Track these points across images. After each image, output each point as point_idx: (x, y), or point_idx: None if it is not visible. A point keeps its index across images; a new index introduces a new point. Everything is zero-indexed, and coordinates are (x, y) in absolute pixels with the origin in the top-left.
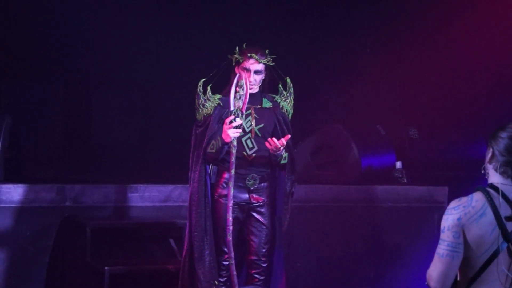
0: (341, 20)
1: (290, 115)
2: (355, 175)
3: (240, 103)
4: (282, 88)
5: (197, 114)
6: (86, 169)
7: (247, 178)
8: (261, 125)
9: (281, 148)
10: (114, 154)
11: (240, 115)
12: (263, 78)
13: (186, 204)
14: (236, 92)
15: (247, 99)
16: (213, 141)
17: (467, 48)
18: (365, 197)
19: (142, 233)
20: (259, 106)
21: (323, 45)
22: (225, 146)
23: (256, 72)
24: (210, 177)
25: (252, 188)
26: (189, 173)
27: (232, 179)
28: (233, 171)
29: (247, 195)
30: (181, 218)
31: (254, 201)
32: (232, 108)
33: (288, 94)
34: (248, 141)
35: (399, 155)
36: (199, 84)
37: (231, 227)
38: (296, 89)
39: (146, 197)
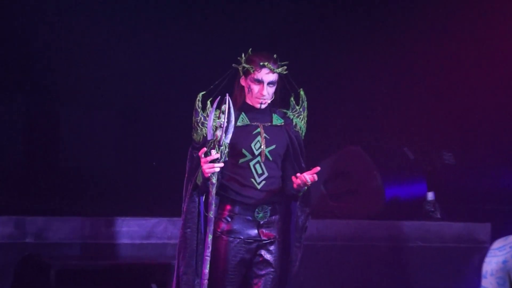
0: (362, 21)
1: (303, 133)
2: (377, 208)
3: (220, 133)
4: (294, 102)
5: (195, 134)
6: (51, 198)
7: (256, 210)
8: (273, 147)
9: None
10: (85, 180)
11: (217, 146)
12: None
13: (172, 241)
14: (217, 117)
15: (232, 129)
16: (199, 170)
17: None
18: (389, 235)
19: (119, 276)
20: (268, 124)
21: (338, 48)
22: (208, 183)
23: (270, 83)
24: (207, 209)
25: (262, 222)
26: (182, 204)
27: (211, 224)
28: (211, 213)
29: (255, 231)
30: (166, 259)
31: (264, 238)
32: (209, 137)
33: (301, 109)
34: (257, 166)
35: (431, 184)
36: (198, 98)
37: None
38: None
39: (123, 232)
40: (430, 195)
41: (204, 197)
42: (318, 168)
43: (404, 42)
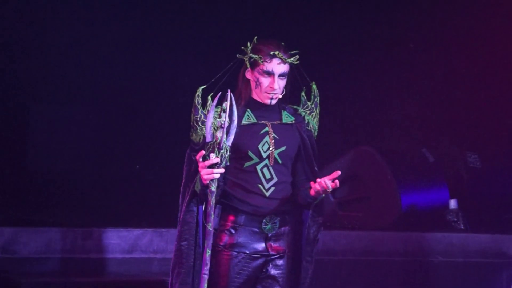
0: (384, 17)
1: (315, 133)
2: (392, 218)
3: (220, 134)
4: (305, 97)
5: (194, 134)
6: (19, 206)
7: (264, 221)
8: (283, 148)
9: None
10: (59, 186)
11: (217, 150)
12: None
13: (158, 255)
14: (217, 116)
15: (234, 130)
16: (197, 176)
17: None
18: (406, 249)
19: None
20: (277, 122)
21: (351, 41)
22: (206, 191)
23: (281, 75)
24: (206, 220)
25: (270, 235)
26: (178, 214)
27: (210, 237)
28: (209, 225)
29: (263, 244)
30: (151, 275)
31: (273, 252)
32: (208, 139)
33: (313, 105)
34: (265, 171)
35: (453, 191)
36: (197, 93)
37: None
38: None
39: (103, 245)
40: (453, 203)
41: (204, 206)
42: (339, 173)
43: (426, 37)
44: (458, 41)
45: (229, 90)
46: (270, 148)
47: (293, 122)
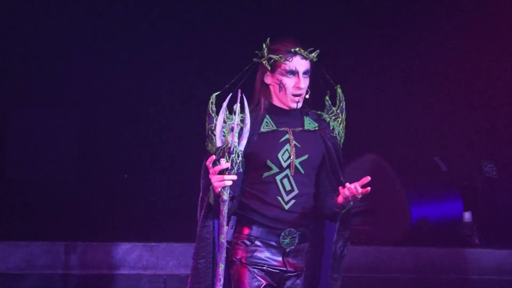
0: (393, 14)
1: (341, 141)
2: (402, 232)
3: (231, 138)
4: (329, 102)
5: (209, 145)
6: None
7: (282, 235)
8: (305, 157)
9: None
10: (40, 197)
11: (227, 154)
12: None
13: (148, 272)
14: (228, 119)
15: (247, 134)
16: (210, 186)
17: None
18: (416, 265)
19: None
20: (299, 129)
21: (359, 46)
22: (218, 200)
23: (305, 73)
24: (218, 232)
25: (288, 250)
26: (197, 229)
27: (223, 250)
28: (222, 237)
29: (280, 259)
30: None
31: (290, 269)
32: (219, 144)
33: (338, 111)
34: (285, 181)
35: (467, 203)
36: (211, 100)
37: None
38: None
39: (88, 261)
40: (467, 216)
41: (223, 217)
42: (369, 178)
43: (438, 40)
44: (473, 46)
45: (239, 91)
46: (291, 157)
47: (316, 128)
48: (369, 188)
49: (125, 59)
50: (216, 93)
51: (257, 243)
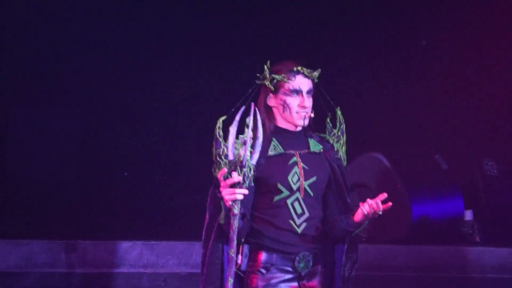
0: (394, 11)
1: (345, 162)
2: (402, 230)
3: (243, 151)
4: (331, 124)
5: (216, 170)
6: None
7: (297, 259)
8: (313, 179)
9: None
10: (40, 195)
11: (239, 168)
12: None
13: (149, 270)
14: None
15: (259, 147)
16: (221, 201)
17: None
18: (417, 263)
19: None
20: (306, 151)
21: (359, 44)
22: (229, 215)
23: (308, 92)
24: (228, 244)
25: (303, 273)
26: (202, 257)
27: (232, 264)
28: (232, 252)
29: (296, 284)
30: None
31: None
32: (231, 157)
33: (339, 133)
34: (296, 205)
35: (468, 201)
36: (218, 124)
37: None
38: (319, 102)
39: (89, 259)
40: (468, 214)
41: (234, 244)
42: (385, 195)
43: (439, 37)
44: (474, 44)
45: (252, 104)
46: (300, 180)
47: (321, 150)
48: (390, 203)
49: (125, 58)
50: (223, 118)
51: (273, 270)
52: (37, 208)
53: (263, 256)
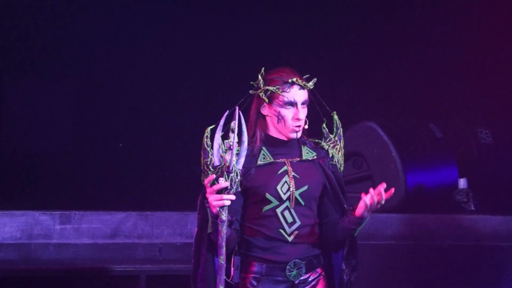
0: None
1: (341, 168)
2: (397, 199)
3: (229, 156)
4: (327, 130)
5: (204, 179)
6: None
7: (288, 268)
8: (304, 188)
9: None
10: (34, 166)
11: (226, 173)
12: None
13: (144, 241)
14: (225, 138)
15: (244, 152)
16: (208, 208)
17: None
18: (412, 232)
19: (76, 286)
20: (297, 159)
21: (358, 8)
22: (216, 221)
23: (303, 103)
24: (217, 254)
25: (296, 282)
26: (193, 267)
27: (222, 272)
28: (221, 259)
29: None
30: (135, 262)
31: None
32: (216, 163)
33: (336, 138)
34: (286, 214)
35: (463, 169)
36: (206, 134)
37: None
38: (314, 73)
39: (83, 229)
40: (462, 183)
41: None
42: (385, 185)
43: (434, 3)
44: (470, 10)
45: (237, 108)
46: (290, 189)
47: (315, 157)
48: (392, 190)
49: (122, 28)
50: (211, 127)
51: (264, 281)
52: (31, 179)
53: (253, 267)
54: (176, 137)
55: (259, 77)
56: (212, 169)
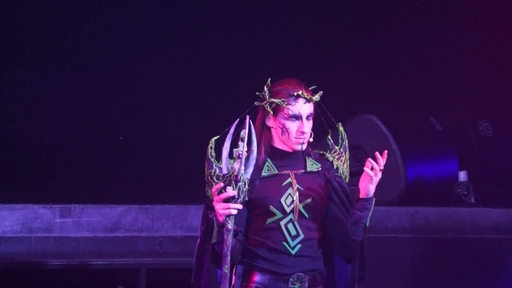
0: None
1: (346, 179)
2: (397, 192)
3: (238, 165)
4: (332, 141)
5: (209, 190)
6: None
7: (291, 281)
8: (308, 201)
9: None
10: (35, 158)
11: (234, 182)
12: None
13: (144, 234)
14: (235, 146)
15: (253, 161)
16: (214, 217)
17: None
18: (412, 225)
19: (76, 279)
20: (302, 171)
21: (355, 1)
22: (222, 230)
23: (309, 116)
24: (222, 263)
25: None
26: (193, 279)
27: (226, 281)
28: (226, 268)
29: None
30: (135, 256)
31: None
32: (224, 171)
33: (342, 150)
34: (290, 226)
35: (463, 162)
36: (210, 144)
37: None
38: (316, 67)
39: (83, 223)
40: (463, 175)
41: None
42: (377, 152)
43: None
44: (469, 2)
45: (247, 117)
46: (294, 201)
47: (319, 169)
48: (385, 151)
49: (122, 20)
50: (215, 138)
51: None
52: (31, 172)
53: (256, 276)
54: (177, 130)
55: (265, 88)
56: (216, 180)
